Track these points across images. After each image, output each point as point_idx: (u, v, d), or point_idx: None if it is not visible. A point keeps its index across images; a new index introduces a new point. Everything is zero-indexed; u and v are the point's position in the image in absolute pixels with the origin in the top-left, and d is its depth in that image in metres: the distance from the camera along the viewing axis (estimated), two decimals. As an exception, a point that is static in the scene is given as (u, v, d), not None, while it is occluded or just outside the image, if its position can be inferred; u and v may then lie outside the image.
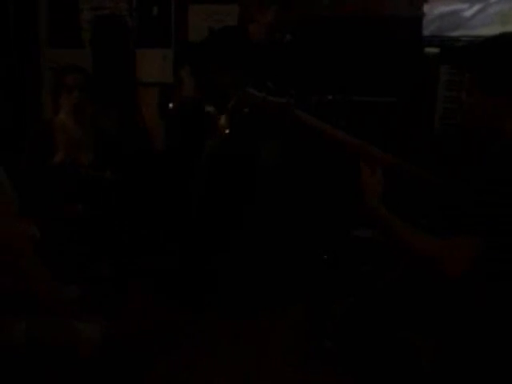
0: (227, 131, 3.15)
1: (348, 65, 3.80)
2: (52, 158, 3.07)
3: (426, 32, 3.77)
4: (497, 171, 1.65)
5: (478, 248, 1.65)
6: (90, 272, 2.82)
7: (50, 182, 3.06)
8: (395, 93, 3.57)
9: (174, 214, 3.65)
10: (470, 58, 1.83)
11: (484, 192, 1.63)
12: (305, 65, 3.48)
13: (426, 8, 3.77)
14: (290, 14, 3.27)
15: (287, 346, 2.84)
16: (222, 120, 3.22)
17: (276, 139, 3.35)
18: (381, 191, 1.90)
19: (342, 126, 2.44)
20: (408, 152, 2.35)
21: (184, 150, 3.70)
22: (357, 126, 2.84)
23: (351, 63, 3.80)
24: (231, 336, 2.90)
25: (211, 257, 3.31)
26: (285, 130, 3.28)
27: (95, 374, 1.91)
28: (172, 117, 4.03)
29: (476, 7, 3.71)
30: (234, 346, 2.81)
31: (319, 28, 3.88)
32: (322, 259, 3.33)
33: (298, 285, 3.28)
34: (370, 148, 2.22)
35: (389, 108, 3.61)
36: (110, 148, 3.26)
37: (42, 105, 4.81)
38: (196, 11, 4.40)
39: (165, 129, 4.25)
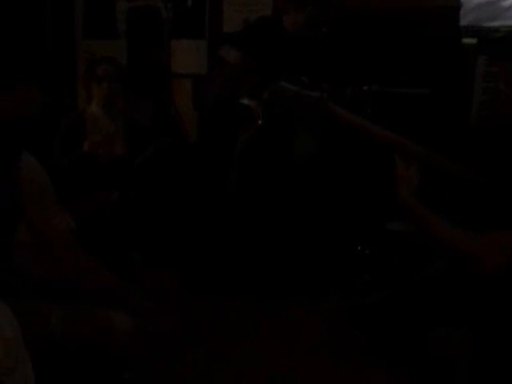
0: (260, 122, 3.15)
1: (383, 56, 3.76)
2: (83, 147, 3.11)
3: (463, 22, 3.70)
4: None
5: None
6: (124, 260, 2.85)
7: (82, 171, 3.10)
8: (431, 84, 3.51)
9: (207, 205, 3.66)
10: (509, 47, 1.80)
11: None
12: (340, 56, 3.45)
13: (463, -2, 3.71)
14: (326, 10, 3.25)
15: (319, 337, 2.83)
16: (256, 112, 3.22)
17: (309, 131, 3.34)
18: (416, 185, 1.88)
19: (376, 117, 2.42)
20: (444, 145, 2.31)
21: (218, 141, 3.71)
22: (391, 117, 2.81)
23: (386, 54, 3.76)
24: (263, 327, 2.90)
25: (245, 248, 3.31)
26: (318, 123, 3.27)
27: (127, 364, 1.93)
28: (206, 108, 4.03)
29: (514, -3, 3.64)
30: (265, 337, 2.81)
31: (355, 20, 3.85)
32: (355, 251, 3.32)
33: (332, 276, 3.27)
34: (405, 142, 2.19)
35: (424, 100, 3.56)
36: (142, 139, 3.28)
37: (77, 95, 4.87)
38: (231, 2, 4.39)
39: (198, 120, 4.26)
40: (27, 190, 1.54)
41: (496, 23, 3.66)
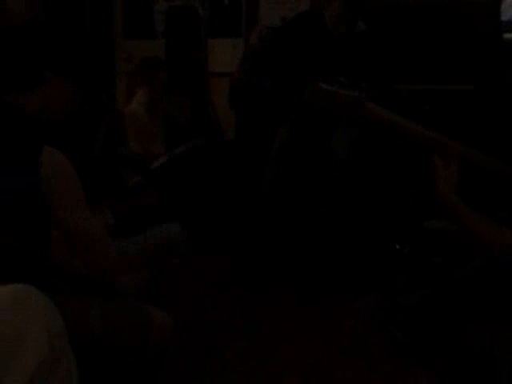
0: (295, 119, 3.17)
1: (423, 52, 3.72)
2: (124, 147, 3.14)
3: (505, 17, 3.64)
4: None
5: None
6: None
7: (122, 170, 3.12)
8: (472, 80, 3.46)
9: (246, 202, 3.67)
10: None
11: None
12: (379, 53, 3.42)
13: (504, -7, 3.65)
14: (359, 3, 3.22)
15: (358, 335, 2.81)
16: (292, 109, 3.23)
17: (347, 128, 3.32)
18: (456, 184, 1.85)
19: (419, 114, 2.39)
20: (486, 142, 2.28)
21: (255, 139, 3.72)
22: (433, 114, 2.79)
23: (426, 50, 3.72)
24: (302, 325, 2.89)
25: (283, 245, 3.31)
26: (355, 120, 3.24)
27: (166, 360, 1.94)
28: (243, 106, 4.05)
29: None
30: (304, 335, 2.80)
31: (394, 15, 3.81)
32: (394, 249, 3.28)
33: (370, 274, 3.24)
34: (444, 139, 2.16)
35: (466, 96, 3.51)
36: (180, 138, 3.30)
37: (115, 95, 4.93)
38: (268, 1, 4.39)
39: (236, 118, 4.28)
40: (49, 185, 1.54)
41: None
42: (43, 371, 1.16)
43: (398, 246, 3.32)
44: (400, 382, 2.45)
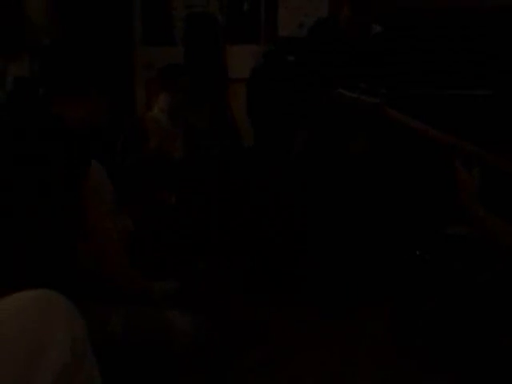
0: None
1: (442, 57, 3.70)
2: (145, 151, 3.16)
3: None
4: None
5: None
6: (186, 265, 2.87)
7: (144, 173, 3.14)
8: (492, 85, 3.44)
9: (263, 208, 3.66)
10: None
11: None
12: (396, 57, 3.41)
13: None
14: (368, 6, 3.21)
15: (378, 342, 2.80)
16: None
17: (365, 132, 3.32)
18: (478, 189, 1.84)
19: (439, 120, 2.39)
20: (508, 148, 2.26)
21: (273, 144, 3.71)
22: (453, 120, 2.77)
23: (445, 55, 3.70)
24: (322, 333, 2.89)
25: (302, 253, 3.30)
26: (375, 124, 3.25)
27: (187, 366, 1.94)
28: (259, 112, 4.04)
29: None
30: (324, 343, 2.79)
31: (411, 19, 3.80)
32: (414, 255, 3.26)
33: (390, 281, 3.23)
34: (465, 145, 2.15)
35: (486, 101, 3.48)
36: (200, 143, 3.31)
37: (134, 101, 4.96)
38: (286, 6, 4.40)
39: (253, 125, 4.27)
40: (89, 194, 1.58)
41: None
42: (66, 376, 1.17)
43: (418, 252, 3.30)
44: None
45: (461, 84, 3.59)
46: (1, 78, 3.89)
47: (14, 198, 1.56)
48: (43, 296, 1.20)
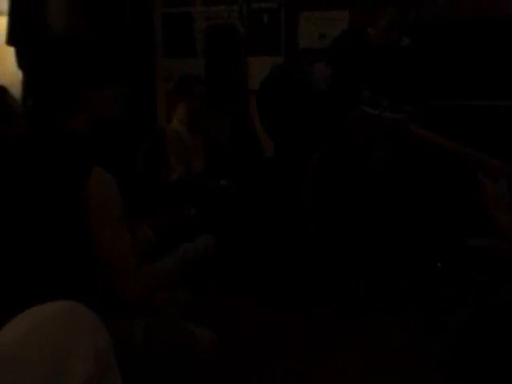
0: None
1: (465, 68, 3.68)
2: (166, 165, 3.17)
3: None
4: None
5: None
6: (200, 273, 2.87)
7: (165, 187, 3.15)
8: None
9: (285, 219, 3.66)
10: None
11: None
12: (423, 69, 3.41)
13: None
14: (406, 15, 3.21)
15: (400, 354, 2.77)
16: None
17: (388, 145, 3.31)
18: (506, 202, 1.83)
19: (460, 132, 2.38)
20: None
21: (294, 155, 3.72)
22: (475, 131, 2.75)
23: (469, 66, 3.68)
24: (344, 344, 2.87)
25: (323, 262, 3.30)
26: (398, 137, 3.25)
27: (208, 376, 1.94)
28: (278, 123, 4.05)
29: None
30: (345, 353, 2.78)
31: (437, 30, 3.79)
32: (437, 266, 3.24)
33: (413, 291, 3.20)
34: (490, 160, 2.14)
35: (509, 112, 3.46)
36: (221, 155, 3.31)
37: (156, 113, 5.00)
38: (306, 17, 4.41)
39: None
40: (93, 204, 1.56)
41: None
42: (90, 387, 1.17)
43: (439, 264, 3.27)
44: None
45: (486, 95, 3.57)
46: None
47: (17, 209, 1.56)
48: (69, 307, 1.20)
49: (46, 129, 1.65)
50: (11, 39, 4.32)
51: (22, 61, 4.09)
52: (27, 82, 1.74)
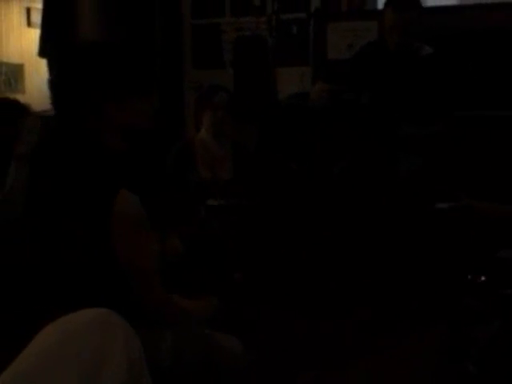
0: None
1: (486, 79, 3.66)
2: (194, 173, 3.20)
3: None
4: None
5: None
6: (225, 279, 2.88)
7: (192, 196, 3.17)
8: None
9: (306, 224, 3.65)
10: None
11: None
12: (445, 79, 3.39)
13: None
14: (404, 15, 3.22)
15: (429, 369, 2.74)
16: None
17: (416, 153, 3.30)
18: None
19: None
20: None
21: (319, 164, 3.72)
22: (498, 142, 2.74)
23: (489, 77, 3.66)
24: (371, 355, 2.84)
25: (348, 273, 3.28)
26: (425, 146, 3.24)
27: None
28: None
29: None
30: (373, 367, 2.75)
31: (459, 41, 3.77)
32: (466, 279, 3.20)
33: (441, 305, 3.17)
34: None
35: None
36: (248, 164, 3.32)
37: (184, 124, 5.03)
38: (335, 28, 4.41)
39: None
40: (118, 226, 1.53)
41: None
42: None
43: (469, 276, 3.23)
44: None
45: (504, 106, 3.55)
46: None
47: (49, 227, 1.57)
48: (102, 315, 1.21)
49: (74, 143, 1.63)
50: (43, 51, 4.39)
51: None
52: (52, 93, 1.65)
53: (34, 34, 4.78)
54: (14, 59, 4.98)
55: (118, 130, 1.64)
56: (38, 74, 4.97)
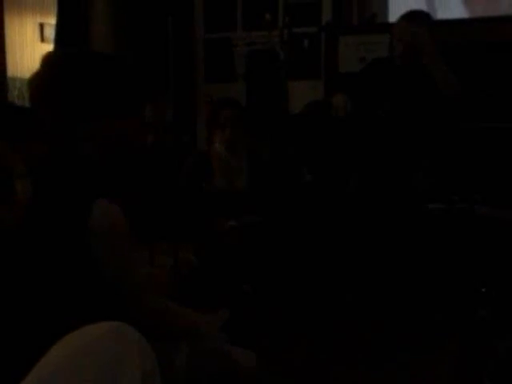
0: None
1: (494, 90, 3.66)
2: (210, 184, 3.22)
3: None
4: None
5: None
6: (234, 290, 2.87)
7: (207, 205, 3.18)
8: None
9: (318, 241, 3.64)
10: None
11: None
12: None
13: None
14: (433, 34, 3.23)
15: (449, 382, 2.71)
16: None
17: (427, 166, 3.30)
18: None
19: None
20: None
21: (331, 178, 3.72)
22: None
23: (499, 89, 3.66)
24: (385, 375, 2.81)
25: (360, 287, 3.26)
26: (435, 158, 3.24)
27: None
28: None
29: None
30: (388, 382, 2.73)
31: (470, 53, 3.77)
32: (480, 293, 3.18)
33: (456, 320, 3.14)
34: None
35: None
36: (263, 175, 3.34)
37: (196, 136, 5.06)
38: (346, 42, 4.43)
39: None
40: (96, 240, 1.47)
41: None
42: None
43: (484, 290, 3.21)
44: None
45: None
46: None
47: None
48: (118, 329, 1.21)
49: (61, 158, 1.56)
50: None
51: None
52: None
53: (48, 50, 4.83)
54: (28, 74, 5.01)
55: (101, 145, 1.58)
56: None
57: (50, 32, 4.89)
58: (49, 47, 4.81)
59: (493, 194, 3.28)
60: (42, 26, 5.13)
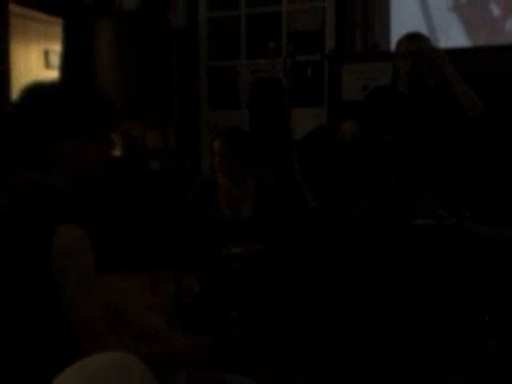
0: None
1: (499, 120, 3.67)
2: (215, 210, 3.23)
3: None
4: None
5: None
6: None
7: (211, 231, 3.18)
8: None
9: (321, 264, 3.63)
10: None
11: None
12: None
13: None
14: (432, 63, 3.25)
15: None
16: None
17: (432, 190, 3.31)
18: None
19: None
20: None
21: (336, 205, 3.71)
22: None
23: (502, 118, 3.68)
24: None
25: (369, 311, 3.24)
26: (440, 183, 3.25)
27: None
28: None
29: None
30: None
31: (472, 83, 3.80)
32: (484, 320, 3.16)
33: (463, 345, 3.12)
34: None
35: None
36: (270, 202, 3.34)
37: (200, 163, 5.08)
38: (350, 70, 4.46)
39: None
40: (58, 265, 1.48)
41: None
42: None
43: (487, 318, 3.19)
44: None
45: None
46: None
47: None
48: (122, 360, 1.19)
49: (21, 185, 1.61)
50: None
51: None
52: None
53: (53, 76, 4.87)
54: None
55: (66, 169, 1.62)
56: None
57: (55, 59, 4.94)
58: (54, 74, 4.85)
59: (483, 211, 3.26)
60: (46, 53, 5.18)
